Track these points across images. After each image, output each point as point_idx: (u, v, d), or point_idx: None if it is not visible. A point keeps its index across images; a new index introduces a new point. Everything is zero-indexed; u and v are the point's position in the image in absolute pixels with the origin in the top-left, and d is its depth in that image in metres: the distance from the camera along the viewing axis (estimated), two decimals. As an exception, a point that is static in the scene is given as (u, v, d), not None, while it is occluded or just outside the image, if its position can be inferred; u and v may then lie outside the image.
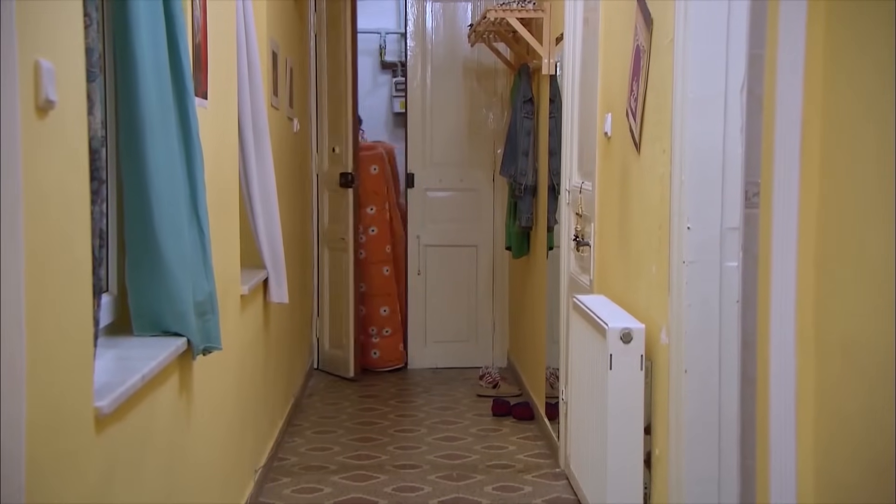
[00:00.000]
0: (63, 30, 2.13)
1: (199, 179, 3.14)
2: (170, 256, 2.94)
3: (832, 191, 2.17)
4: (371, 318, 7.45)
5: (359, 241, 7.27)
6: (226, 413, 3.92)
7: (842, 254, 2.12)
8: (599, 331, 3.48)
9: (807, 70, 2.30)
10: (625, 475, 3.40)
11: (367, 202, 7.39)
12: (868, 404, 1.98)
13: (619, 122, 3.89)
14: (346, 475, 4.97)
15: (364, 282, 7.39)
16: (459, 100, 7.56)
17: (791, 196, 2.37)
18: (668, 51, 3.20)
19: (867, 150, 2.00)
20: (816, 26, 2.25)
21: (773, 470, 2.47)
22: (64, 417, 2.14)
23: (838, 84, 2.15)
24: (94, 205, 2.40)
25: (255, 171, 4.55)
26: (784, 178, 2.41)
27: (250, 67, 4.43)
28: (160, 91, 2.90)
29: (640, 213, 3.59)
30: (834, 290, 2.15)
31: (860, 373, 2.01)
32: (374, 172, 7.42)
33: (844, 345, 2.08)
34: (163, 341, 2.98)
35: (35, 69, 1.94)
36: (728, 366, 3.06)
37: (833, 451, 2.17)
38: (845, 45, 2.12)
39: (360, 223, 7.29)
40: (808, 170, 2.28)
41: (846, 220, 2.10)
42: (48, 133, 2.01)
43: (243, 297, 4.27)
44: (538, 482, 4.88)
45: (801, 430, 2.32)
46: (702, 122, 3.05)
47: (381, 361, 7.41)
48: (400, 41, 8.60)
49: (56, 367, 2.08)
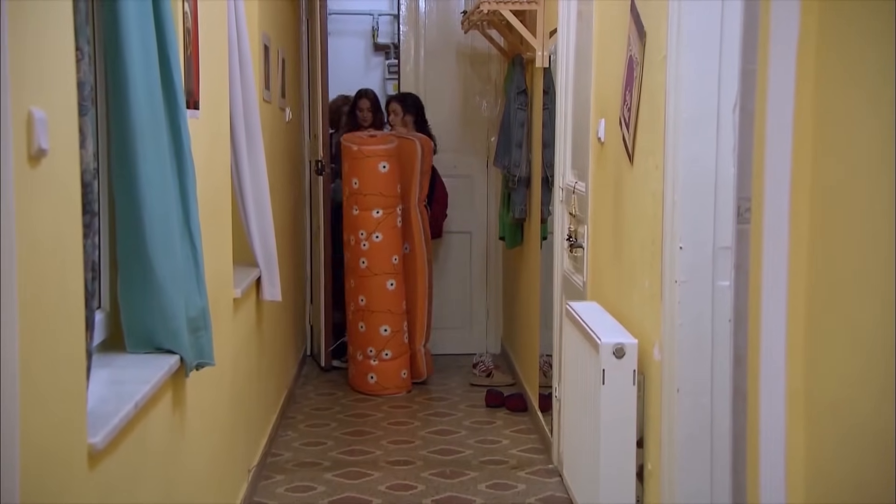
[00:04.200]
0: (55, 74, 2.12)
1: (191, 195, 3.13)
2: (162, 273, 2.95)
3: (823, 207, 2.17)
4: (370, 336, 6.53)
5: (360, 248, 6.50)
6: (219, 420, 3.93)
7: (833, 269, 2.13)
8: (593, 344, 3.49)
9: (798, 86, 2.30)
10: (617, 488, 3.42)
11: (372, 204, 6.43)
12: (862, 419, 1.99)
13: (612, 129, 3.88)
14: (339, 472, 4.99)
15: (364, 294, 6.53)
16: (453, 85, 7.53)
17: (782, 213, 2.37)
18: (661, 67, 3.19)
19: (858, 166, 2.00)
20: (808, 42, 2.25)
21: (763, 486, 2.48)
22: (57, 456, 2.14)
23: (829, 100, 2.15)
24: (87, 238, 2.40)
25: (247, 171, 4.54)
26: (775, 195, 2.41)
27: (242, 67, 4.42)
28: (152, 109, 2.89)
29: (634, 224, 3.59)
30: (826, 305, 2.15)
31: (855, 389, 2.02)
32: (382, 171, 6.42)
33: (835, 363, 2.08)
34: (156, 359, 2.98)
35: (28, 119, 1.93)
36: (720, 384, 3.07)
37: (824, 468, 2.18)
38: (837, 61, 2.11)
39: (362, 227, 6.47)
40: (799, 186, 2.28)
41: (837, 234, 2.10)
42: (41, 180, 2.01)
43: (236, 300, 4.27)
44: (531, 479, 4.91)
45: (791, 444, 2.33)
46: (695, 142, 3.05)
47: (378, 387, 6.48)
48: (393, 23, 8.55)
49: (49, 406, 2.08)
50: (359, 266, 6.50)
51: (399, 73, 7.66)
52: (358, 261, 6.50)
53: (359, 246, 6.49)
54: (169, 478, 3.10)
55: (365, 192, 6.43)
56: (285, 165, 6.32)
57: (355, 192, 6.45)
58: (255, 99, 4.59)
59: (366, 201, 6.44)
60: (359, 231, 6.47)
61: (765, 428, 2.45)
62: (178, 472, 3.23)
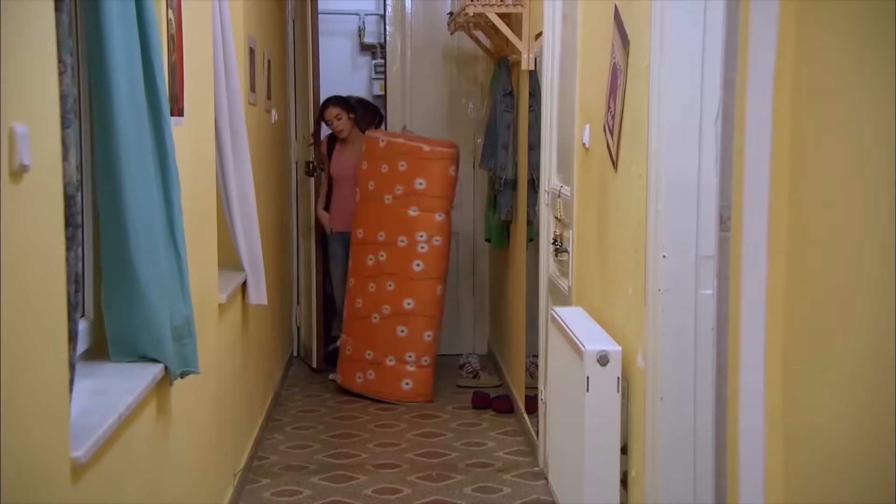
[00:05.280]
0: (37, 88, 2.12)
1: (175, 204, 3.13)
2: (146, 281, 2.95)
3: (802, 217, 2.18)
4: (412, 341, 6.34)
5: (416, 251, 6.33)
6: (204, 426, 3.93)
7: (811, 278, 2.14)
8: (577, 351, 3.50)
9: (775, 96, 2.31)
10: (601, 494, 3.43)
11: (436, 207, 6.33)
12: (842, 416, 2.00)
13: (597, 135, 3.89)
14: (325, 476, 5.00)
15: (412, 298, 6.32)
16: (439, 86, 7.53)
17: (760, 223, 2.38)
18: (644, 76, 3.20)
19: (836, 176, 2.02)
20: (785, 52, 2.26)
21: (742, 491, 2.50)
22: (40, 472, 2.14)
23: (806, 110, 2.16)
24: (70, 250, 2.40)
25: (232, 175, 4.54)
26: (753, 205, 2.42)
27: (227, 72, 4.41)
28: (136, 119, 2.89)
29: (618, 231, 3.60)
30: (804, 313, 2.17)
31: (832, 400, 2.03)
32: (451, 174, 6.37)
33: (813, 376, 2.10)
34: (139, 368, 2.98)
35: (10, 136, 1.93)
36: (703, 392, 3.09)
37: (801, 475, 2.19)
38: (814, 71, 2.13)
39: (422, 229, 6.32)
40: (777, 196, 2.29)
41: (816, 243, 2.12)
42: (23, 196, 2.01)
43: (221, 306, 4.27)
44: (517, 482, 4.92)
45: (769, 452, 2.34)
46: (677, 153, 3.06)
47: (412, 394, 6.31)
48: (379, 23, 8.55)
49: (31, 421, 2.08)
50: (410, 268, 6.32)
51: (385, 74, 7.65)
52: (410, 263, 6.31)
53: (414, 248, 6.31)
54: (153, 486, 3.10)
55: (432, 195, 6.31)
56: (271, 167, 6.31)
57: (417, 193, 6.31)
58: (240, 102, 4.59)
59: (430, 203, 6.32)
60: (417, 233, 6.31)
61: (744, 437, 2.47)
62: (163, 481, 3.23)
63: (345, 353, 6.55)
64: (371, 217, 6.43)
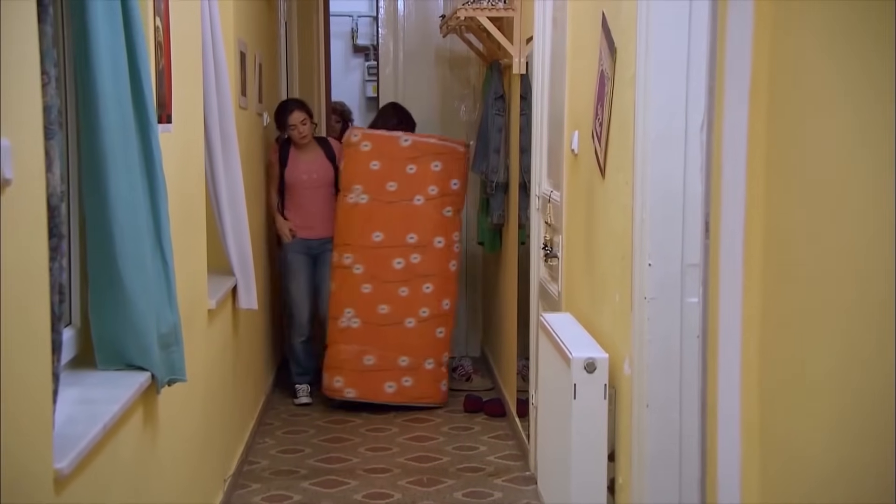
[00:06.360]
0: (20, 101, 2.12)
1: (162, 212, 3.13)
2: (133, 289, 2.95)
3: (777, 226, 2.19)
4: (447, 341, 6.32)
5: (453, 251, 6.29)
6: (192, 433, 3.93)
7: (786, 287, 2.15)
8: (564, 358, 3.50)
9: (752, 101, 2.32)
10: (588, 501, 3.43)
11: (461, 205, 6.41)
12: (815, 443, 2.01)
13: (585, 142, 3.90)
14: (316, 480, 5.00)
15: (448, 299, 6.27)
16: (432, 88, 7.53)
17: (737, 233, 2.39)
18: (631, 84, 3.20)
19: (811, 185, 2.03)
20: (761, 63, 2.27)
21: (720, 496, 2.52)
22: (22, 484, 2.14)
23: (782, 118, 2.17)
24: (53, 261, 2.40)
25: (222, 180, 4.55)
26: (731, 214, 2.44)
27: (217, 77, 4.41)
28: (123, 127, 2.89)
29: (605, 238, 3.61)
30: (779, 323, 2.17)
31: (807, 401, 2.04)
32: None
33: (786, 389, 2.10)
34: (126, 376, 2.98)
35: (-9, 149, 1.94)
36: (689, 399, 3.09)
37: (778, 480, 2.20)
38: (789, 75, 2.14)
39: (456, 230, 6.32)
40: (753, 200, 2.30)
41: (792, 252, 2.13)
42: (6, 209, 2.01)
43: (211, 311, 4.27)
44: (508, 487, 4.92)
45: (746, 460, 2.35)
46: (663, 161, 3.06)
47: (446, 395, 6.28)
48: (372, 24, 8.56)
49: (13, 432, 2.08)
50: (448, 269, 6.25)
51: (378, 76, 7.65)
52: (448, 263, 6.24)
53: (451, 249, 6.26)
54: (140, 496, 3.10)
55: (461, 194, 6.34)
56: (262, 171, 6.31)
57: (452, 193, 6.26)
58: (230, 107, 4.59)
59: (461, 203, 6.37)
60: (453, 233, 6.27)
61: (722, 445, 2.49)
62: (150, 489, 3.23)
63: (358, 364, 6.17)
64: (396, 219, 6.18)
